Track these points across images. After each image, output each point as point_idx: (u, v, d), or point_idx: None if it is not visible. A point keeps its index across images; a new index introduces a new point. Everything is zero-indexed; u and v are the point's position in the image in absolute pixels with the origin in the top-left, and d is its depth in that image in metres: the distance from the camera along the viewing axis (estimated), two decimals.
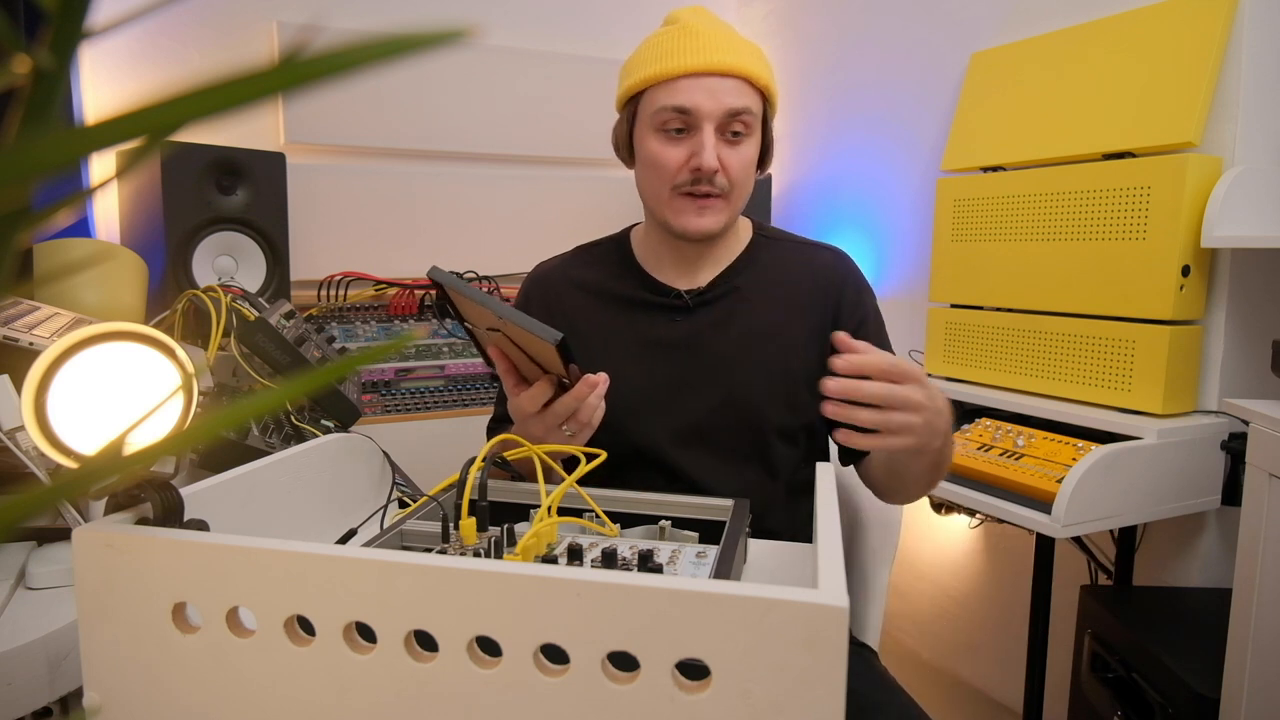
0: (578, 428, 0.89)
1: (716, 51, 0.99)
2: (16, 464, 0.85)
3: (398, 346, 0.23)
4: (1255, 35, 1.43)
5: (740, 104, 0.99)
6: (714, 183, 1.00)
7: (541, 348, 0.83)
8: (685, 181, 1.01)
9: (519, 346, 0.88)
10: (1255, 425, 1.15)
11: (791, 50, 2.58)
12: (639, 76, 1.03)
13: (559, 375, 0.88)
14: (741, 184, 1.03)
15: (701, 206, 1.02)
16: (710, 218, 1.02)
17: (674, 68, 0.99)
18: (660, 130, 1.02)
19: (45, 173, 0.16)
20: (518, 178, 2.40)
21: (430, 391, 2.18)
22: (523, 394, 0.90)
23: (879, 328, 1.12)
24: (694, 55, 0.99)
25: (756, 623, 0.46)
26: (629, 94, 1.05)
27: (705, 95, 0.98)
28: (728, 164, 1.00)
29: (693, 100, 0.99)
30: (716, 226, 1.03)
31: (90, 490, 0.54)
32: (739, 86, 1.00)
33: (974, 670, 2.13)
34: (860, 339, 1.07)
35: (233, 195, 1.78)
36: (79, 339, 0.56)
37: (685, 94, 0.99)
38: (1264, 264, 1.50)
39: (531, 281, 1.18)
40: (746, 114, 1.00)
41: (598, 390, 0.88)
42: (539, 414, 0.89)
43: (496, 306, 0.82)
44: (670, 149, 1.01)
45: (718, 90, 0.99)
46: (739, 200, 1.05)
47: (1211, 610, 1.35)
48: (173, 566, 0.54)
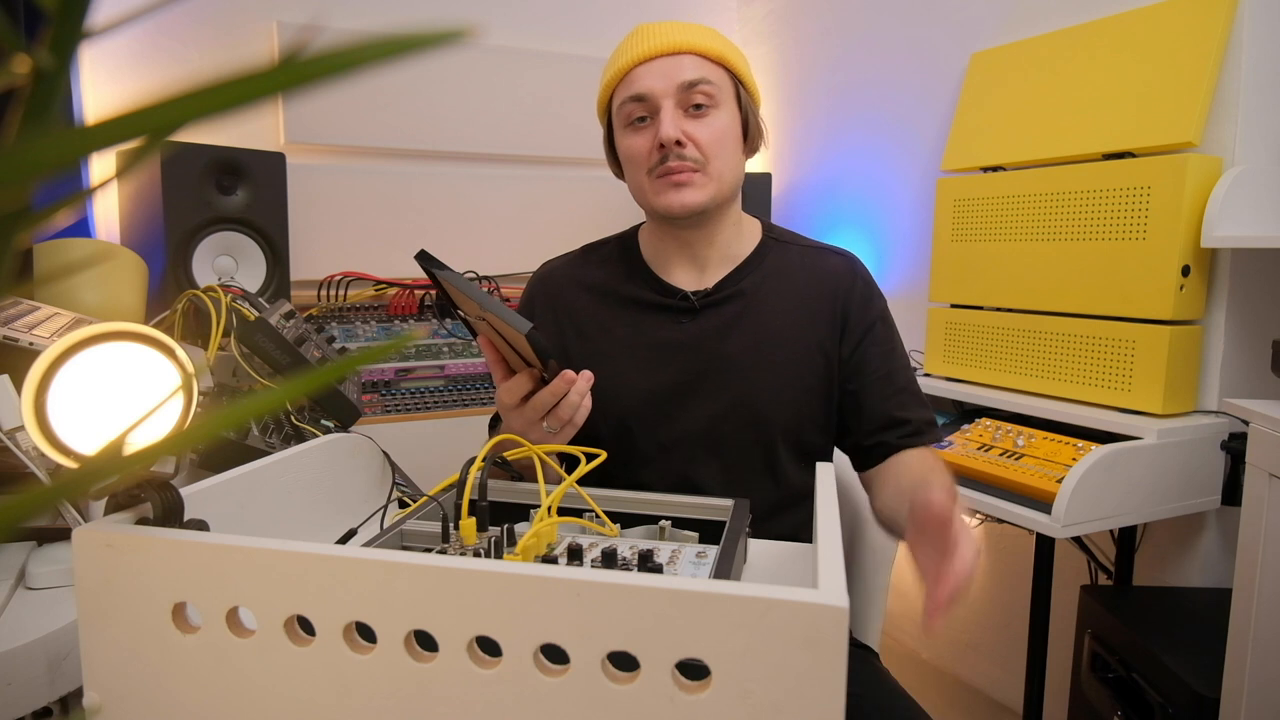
0: (558, 425, 0.88)
1: (661, 35, 1.02)
2: (16, 464, 0.85)
3: (398, 346, 0.23)
4: (1255, 35, 1.43)
5: (694, 75, 1.00)
6: (683, 156, 1.01)
7: (518, 339, 0.83)
8: (656, 163, 1.02)
9: (504, 338, 0.88)
10: (1255, 425, 1.15)
11: (791, 50, 2.58)
12: (602, 85, 1.07)
13: (539, 369, 0.88)
14: (717, 156, 1.02)
15: (676, 182, 1.02)
16: (690, 192, 1.02)
17: (625, 62, 1.03)
18: (627, 125, 1.04)
19: (45, 173, 0.16)
20: (518, 178, 2.40)
21: (430, 391, 2.18)
22: (502, 386, 0.90)
23: (888, 333, 1.11)
24: (641, 44, 1.02)
25: (756, 623, 0.46)
26: (601, 106, 1.09)
27: (656, 76, 1.01)
28: (695, 136, 1.01)
29: (645, 84, 1.01)
30: (698, 200, 1.02)
31: (90, 490, 0.54)
32: (691, 60, 1.01)
33: (974, 670, 2.13)
34: (867, 345, 1.08)
35: (233, 195, 1.78)
36: (79, 339, 0.56)
37: (639, 82, 1.01)
38: (1264, 264, 1.50)
39: (537, 280, 1.18)
40: (704, 84, 1.01)
41: (577, 387, 0.87)
42: (519, 407, 0.89)
43: (476, 294, 0.82)
44: (637, 138, 1.03)
45: (668, 69, 1.01)
46: (724, 175, 1.03)
47: (1211, 610, 1.35)
48: (173, 566, 0.54)
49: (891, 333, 1.11)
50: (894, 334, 1.12)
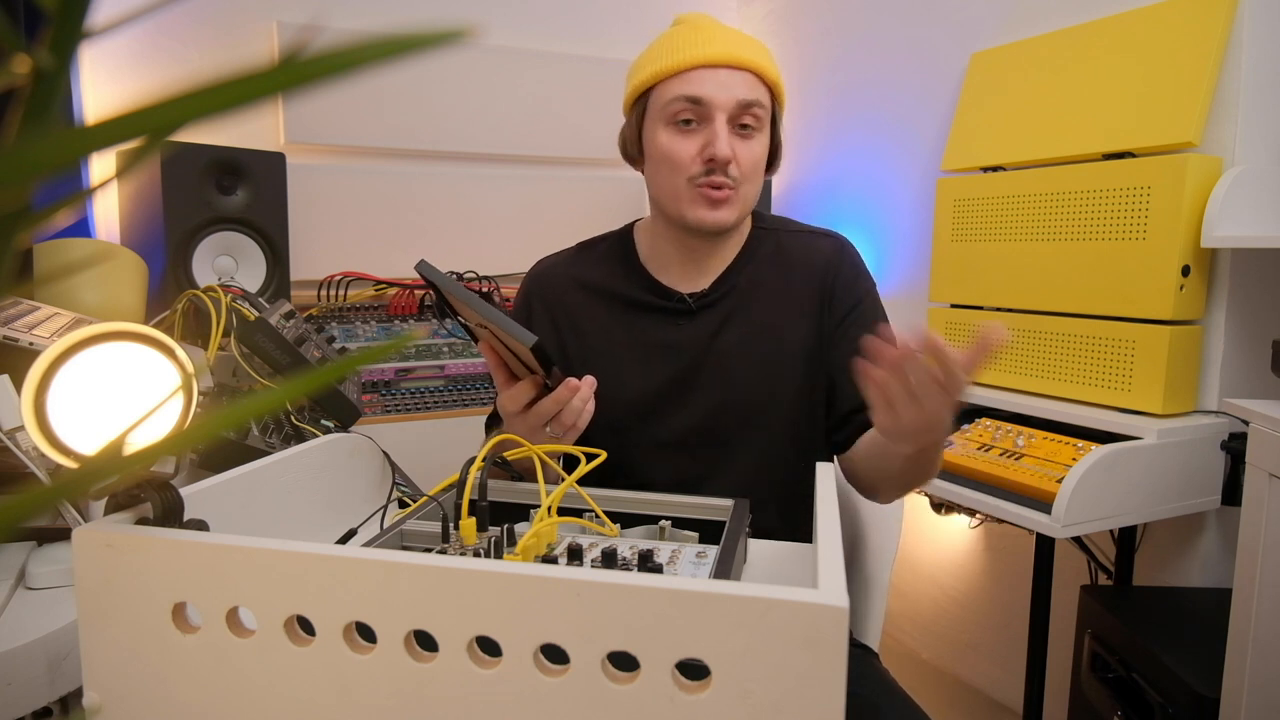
0: (561, 431, 0.89)
1: (727, 44, 1.00)
2: (16, 464, 0.85)
3: (398, 346, 0.23)
4: (1255, 35, 1.43)
5: (751, 96, 0.99)
6: (728, 174, 1.00)
7: (521, 349, 0.83)
8: (699, 173, 1.00)
9: (505, 345, 0.88)
10: (1255, 425, 1.15)
11: (791, 50, 2.58)
12: (650, 71, 1.02)
13: (541, 376, 0.88)
14: (751, 179, 1.02)
15: (715, 200, 1.01)
16: (725, 211, 1.01)
17: (686, 60, 0.99)
18: (672, 123, 1.01)
19: (45, 173, 0.16)
20: (518, 178, 2.40)
21: (430, 391, 2.18)
22: (505, 393, 0.90)
23: (873, 314, 1.10)
24: (705, 47, 0.99)
25: (756, 623, 0.46)
26: (639, 90, 1.04)
27: (717, 86, 0.98)
28: (739, 157, 1.00)
29: (705, 90, 0.98)
30: (729, 220, 1.02)
31: (90, 490, 0.54)
32: (749, 80, 1.00)
33: (974, 670, 2.13)
34: (849, 325, 1.07)
35: (233, 195, 1.78)
36: (79, 339, 0.56)
37: (697, 84, 0.99)
38: (1264, 264, 1.50)
39: (532, 279, 1.17)
40: (757, 107, 1.00)
41: (580, 394, 0.87)
42: (521, 414, 0.89)
43: (479, 305, 0.82)
44: (683, 141, 1.00)
45: (729, 82, 0.99)
46: (749, 196, 1.04)
47: (1211, 610, 1.35)
48: (173, 566, 0.54)
49: (876, 315, 1.11)
50: (879, 314, 1.11)
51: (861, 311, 1.09)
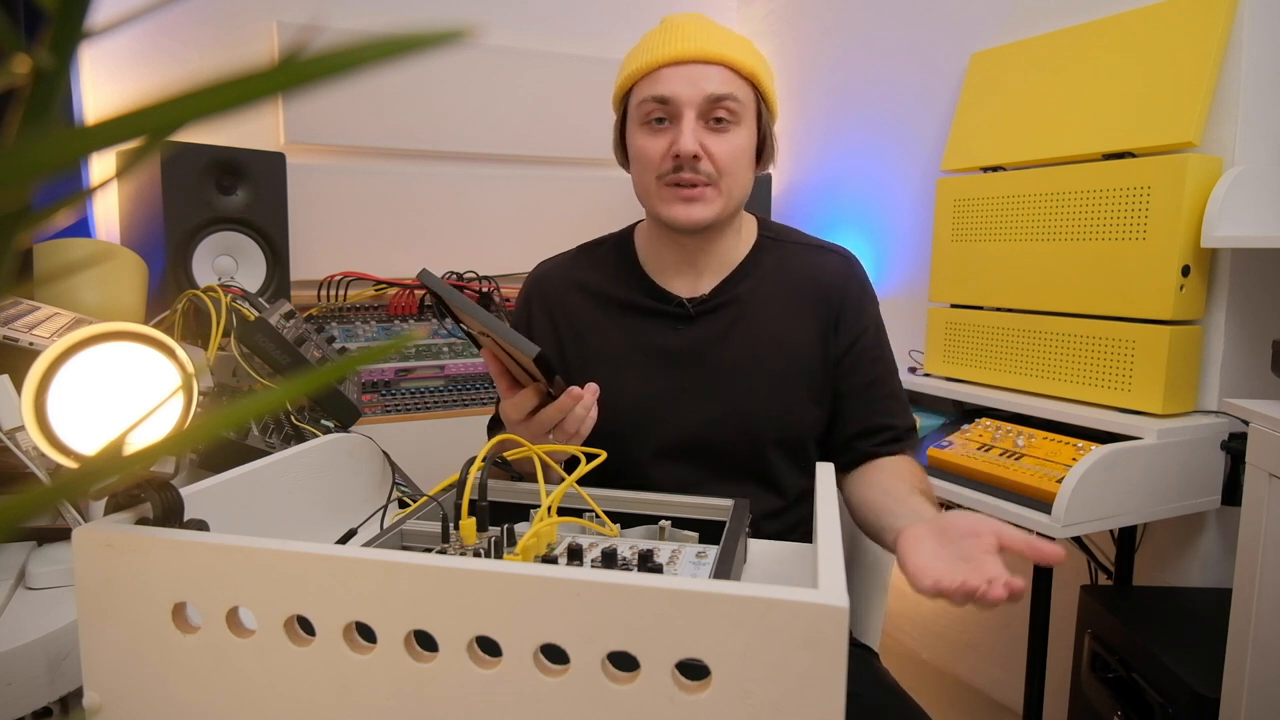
0: (564, 438, 0.88)
1: (695, 40, 0.99)
2: (16, 464, 0.85)
3: (398, 346, 0.23)
4: (1255, 35, 1.43)
5: (722, 90, 0.99)
6: (698, 170, 0.99)
7: (524, 358, 0.83)
8: (668, 170, 1.00)
9: (508, 352, 0.88)
10: (1255, 425, 1.15)
11: (791, 50, 2.58)
12: (625, 74, 1.04)
13: (544, 385, 0.88)
14: (732, 173, 1.01)
15: (687, 196, 1.00)
16: (699, 208, 1.01)
17: (654, 59, 1.00)
18: (645, 123, 1.02)
19: (45, 173, 0.16)
20: (518, 178, 2.40)
21: (430, 391, 2.18)
22: (508, 401, 0.90)
23: (877, 339, 1.10)
24: (672, 46, 0.99)
25: (756, 623, 0.46)
26: (619, 94, 1.06)
27: (684, 83, 0.99)
28: (712, 151, 0.99)
29: (671, 88, 0.99)
30: (706, 216, 1.01)
31: (90, 490, 0.54)
32: (721, 73, 0.99)
33: (974, 670, 2.13)
34: (858, 350, 1.07)
35: (233, 195, 1.78)
36: (79, 339, 0.56)
37: (664, 83, 0.99)
38: (1264, 264, 1.50)
39: (533, 282, 1.17)
40: (730, 100, 0.99)
41: (584, 402, 0.87)
42: (525, 421, 0.89)
43: (481, 315, 0.82)
44: (652, 140, 1.01)
45: (698, 77, 0.99)
46: (733, 191, 1.02)
47: (1211, 610, 1.35)
48: (173, 566, 0.54)
49: (881, 337, 1.11)
50: (884, 339, 1.12)
51: (870, 337, 1.09)
